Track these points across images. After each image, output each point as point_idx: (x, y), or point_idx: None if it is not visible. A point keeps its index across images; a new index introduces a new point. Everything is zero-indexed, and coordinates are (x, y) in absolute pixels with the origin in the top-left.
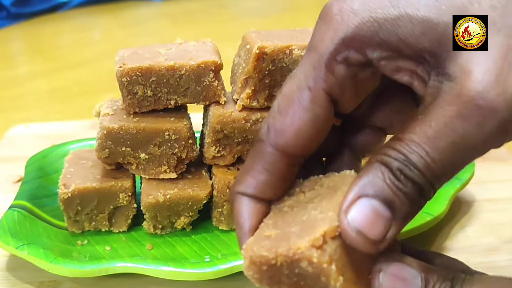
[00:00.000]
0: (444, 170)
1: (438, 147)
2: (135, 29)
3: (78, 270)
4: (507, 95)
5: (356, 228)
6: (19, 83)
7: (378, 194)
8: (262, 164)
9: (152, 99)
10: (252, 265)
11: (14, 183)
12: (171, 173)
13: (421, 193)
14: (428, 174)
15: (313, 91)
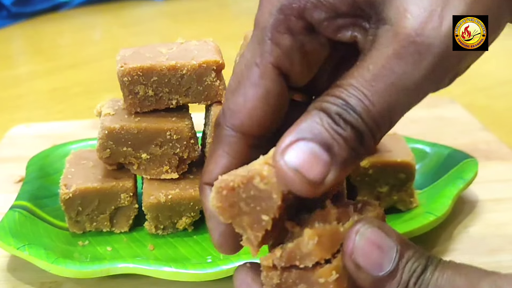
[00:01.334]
0: (383, 114)
1: (377, 89)
2: (136, 28)
3: (79, 270)
4: (443, 30)
5: (293, 168)
6: (20, 83)
7: (316, 138)
8: (223, 148)
9: (153, 99)
10: (216, 194)
11: (15, 183)
12: (172, 173)
13: (360, 139)
14: (368, 118)
15: (260, 66)
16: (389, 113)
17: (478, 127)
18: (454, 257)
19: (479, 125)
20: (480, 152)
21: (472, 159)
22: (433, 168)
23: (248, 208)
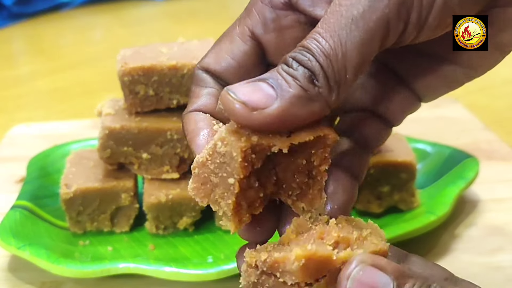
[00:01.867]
0: (336, 49)
1: (329, 25)
2: (137, 28)
3: (80, 270)
4: None
5: (238, 99)
6: (21, 83)
7: (267, 78)
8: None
9: (154, 99)
10: (194, 177)
11: (15, 183)
12: (173, 173)
13: (312, 78)
14: (319, 55)
15: (239, 27)
16: (342, 48)
17: (480, 127)
18: (455, 256)
19: (481, 125)
20: (482, 151)
21: (473, 158)
22: (434, 167)
23: (217, 179)
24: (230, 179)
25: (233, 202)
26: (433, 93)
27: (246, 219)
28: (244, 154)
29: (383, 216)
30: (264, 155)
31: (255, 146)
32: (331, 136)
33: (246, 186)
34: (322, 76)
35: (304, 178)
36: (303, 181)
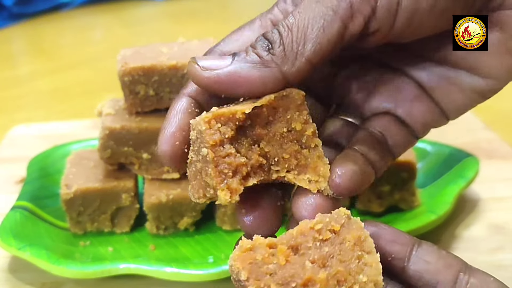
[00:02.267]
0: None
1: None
2: (137, 28)
3: (81, 271)
4: None
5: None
6: (21, 83)
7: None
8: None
9: (154, 99)
10: (189, 180)
11: (16, 184)
12: (173, 173)
13: (268, 46)
14: (283, 27)
15: (262, 20)
16: (303, 21)
17: (480, 126)
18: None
19: (481, 124)
20: (482, 151)
21: (474, 157)
22: (435, 167)
23: (200, 164)
24: (203, 149)
25: (212, 168)
26: (455, 105)
27: (236, 187)
28: (208, 124)
29: (383, 215)
30: (233, 124)
31: (219, 116)
32: (295, 92)
33: (221, 153)
34: (279, 44)
35: (295, 146)
36: (296, 151)
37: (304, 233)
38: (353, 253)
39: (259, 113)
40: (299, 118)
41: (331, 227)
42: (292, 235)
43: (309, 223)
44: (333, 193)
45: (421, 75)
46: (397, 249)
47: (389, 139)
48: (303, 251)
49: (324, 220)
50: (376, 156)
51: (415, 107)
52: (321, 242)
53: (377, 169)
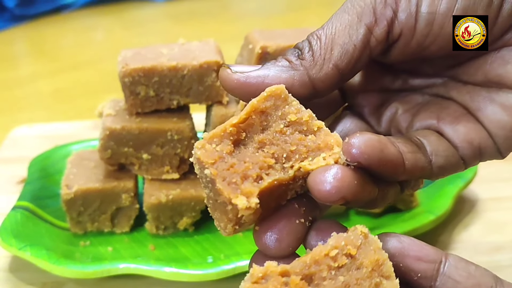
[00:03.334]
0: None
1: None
2: (138, 29)
3: (81, 271)
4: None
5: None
6: (22, 84)
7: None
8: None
9: (154, 100)
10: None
11: (17, 184)
12: (173, 174)
13: (297, 53)
14: (312, 36)
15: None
16: (331, 29)
17: None
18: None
19: None
20: None
21: None
22: None
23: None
24: (206, 171)
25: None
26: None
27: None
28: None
29: (382, 216)
30: (228, 140)
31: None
32: (274, 89)
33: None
34: (308, 50)
35: (298, 136)
36: (300, 139)
37: (318, 261)
38: (371, 280)
39: (251, 122)
40: (290, 109)
41: (347, 251)
42: (306, 263)
43: (324, 249)
44: (346, 159)
45: (465, 98)
46: (424, 268)
47: (427, 145)
48: (317, 281)
49: (340, 244)
50: (404, 148)
51: (460, 124)
52: (336, 270)
53: (406, 159)
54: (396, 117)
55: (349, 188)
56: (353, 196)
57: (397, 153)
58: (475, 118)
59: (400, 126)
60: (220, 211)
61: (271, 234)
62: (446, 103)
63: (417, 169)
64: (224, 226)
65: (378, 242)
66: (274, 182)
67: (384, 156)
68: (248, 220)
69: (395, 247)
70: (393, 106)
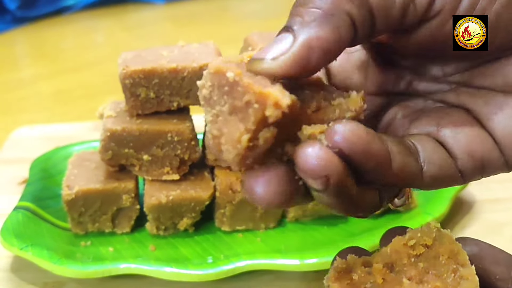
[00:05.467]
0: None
1: None
2: (138, 31)
3: (82, 271)
4: None
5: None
6: (23, 86)
7: None
8: None
9: (155, 101)
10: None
11: (18, 185)
12: (173, 175)
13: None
14: None
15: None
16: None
17: None
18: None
19: None
20: None
21: None
22: None
23: (217, 109)
24: (229, 74)
25: (247, 81)
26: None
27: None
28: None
29: (380, 217)
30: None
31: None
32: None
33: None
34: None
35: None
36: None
37: (398, 250)
38: (448, 267)
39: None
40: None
41: (424, 241)
42: (386, 253)
43: (402, 239)
44: (328, 143)
45: (477, 103)
46: (501, 270)
47: (421, 151)
48: (399, 268)
49: (416, 235)
50: (395, 148)
51: (462, 133)
52: (415, 257)
53: (394, 159)
54: (393, 122)
55: (336, 169)
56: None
57: (385, 150)
58: (482, 126)
59: (396, 132)
60: (236, 121)
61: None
62: (450, 109)
63: (405, 174)
64: (236, 139)
65: (450, 235)
66: (297, 104)
67: (370, 149)
68: (262, 140)
69: (473, 250)
70: (392, 111)
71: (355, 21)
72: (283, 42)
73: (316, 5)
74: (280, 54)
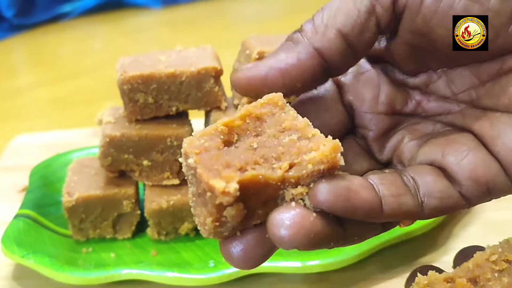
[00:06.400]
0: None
1: None
2: (135, 37)
3: (84, 277)
4: None
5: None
6: (22, 93)
7: None
8: None
9: (153, 106)
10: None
11: (18, 193)
12: (174, 179)
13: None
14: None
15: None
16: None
17: None
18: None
19: None
20: None
21: None
22: None
23: (192, 187)
24: (190, 161)
25: (202, 169)
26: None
27: (233, 176)
28: (191, 142)
29: None
30: (218, 138)
31: (201, 135)
32: (272, 96)
33: (210, 155)
34: (310, 23)
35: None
36: (292, 141)
37: (480, 265)
38: None
39: (245, 127)
40: (286, 116)
41: (505, 257)
42: (468, 268)
43: (484, 255)
44: (310, 204)
45: (484, 125)
46: None
47: (421, 186)
48: (483, 282)
49: (497, 250)
50: (387, 191)
51: (466, 159)
52: (498, 272)
53: (385, 203)
54: (401, 146)
55: (304, 238)
56: (307, 247)
57: (372, 198)
58: (488, 150)
59: (403, 157)
60: (201, 203)
61: (237, 242)
62: (457, 134)
63: (400, 213)
64: (203, 222)
65: None
66: (259, 177)
67: (351, 205)
68: (229, 217)
69: None
70: (400, 133)
71: (322, 53)
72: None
73: (288, 38)
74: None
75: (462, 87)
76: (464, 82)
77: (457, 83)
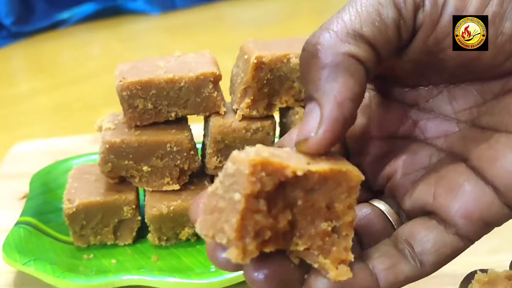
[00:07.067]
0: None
1: None
2: (134, 43)
3: (85, 284)
4: None
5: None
6: (21, 100)
7: None
8: None
9: (152, 112)
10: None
11: (19, 200)
12: (174, 185)
13: None
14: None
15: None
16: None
17: None
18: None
19: None
20: None
21: None
22: None
23: (225, 202)
24: (236, 194)
25: (238, 220)
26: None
27: (252, 250)
28: (253, 168)
29: None
30: (277, 179)
31: (267, 164)
32: (354, 174)
33: (253, 207)
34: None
35: (326, 227)
36: (325, 231)
37: None
38: None
39: (307, 176)
40: (345, 200)
41: None
42: None
43: None
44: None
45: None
46: None
47: (416, 246)
48: None
49: None
50: (381, 265)
51: (457, 198)
52: None
53: (381, 279)
54: (394, 179)
55: None
56: None
57: (367, 280)
58: (483, 176)
59: (397, 193)
60: (214, 222)
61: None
62: (449, 167)
63: (399, 282)
64: (204, 233)
65: None
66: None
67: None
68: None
69: None
70: (394, 164)
71: (358, 57)
72: (312, 115)
73: (322, 65)
74: (316, 129)
75: (464, 105)
76: (466, 99)
77: (460, 100)
